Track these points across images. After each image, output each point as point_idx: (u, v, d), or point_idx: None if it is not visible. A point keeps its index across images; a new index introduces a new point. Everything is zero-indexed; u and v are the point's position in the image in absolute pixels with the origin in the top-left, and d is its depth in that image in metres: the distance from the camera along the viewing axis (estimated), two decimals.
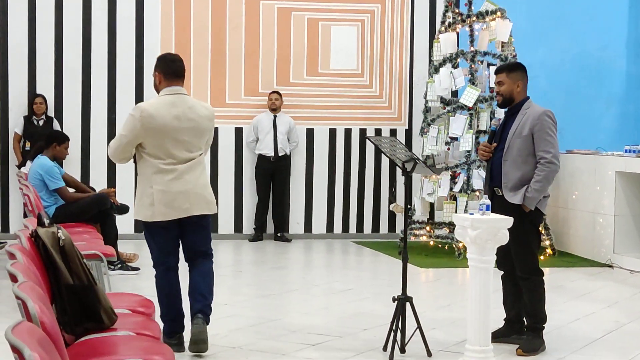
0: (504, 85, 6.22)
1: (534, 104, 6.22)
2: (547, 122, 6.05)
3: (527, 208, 6.04)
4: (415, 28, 12.20)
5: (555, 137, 6.08)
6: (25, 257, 3.81)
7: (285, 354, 5.97)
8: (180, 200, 5.85)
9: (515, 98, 6.22)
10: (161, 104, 5.91)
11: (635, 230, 10.11)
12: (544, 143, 6.03)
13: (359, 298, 8.09)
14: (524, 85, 6.24)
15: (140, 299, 5.06)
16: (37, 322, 2.88)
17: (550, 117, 6.10)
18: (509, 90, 6.21)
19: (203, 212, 5.93)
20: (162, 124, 5.82)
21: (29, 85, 11.34)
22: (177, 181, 5.85)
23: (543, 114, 6.08)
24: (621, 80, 12.80)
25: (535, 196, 6.01)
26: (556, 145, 6.08)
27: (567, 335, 6.69)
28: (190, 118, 5.91)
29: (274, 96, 11.65)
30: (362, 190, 12.18)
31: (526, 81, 6.29)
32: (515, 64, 6.50)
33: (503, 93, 6.24)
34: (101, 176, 11.43)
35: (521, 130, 6.09)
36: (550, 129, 6.06)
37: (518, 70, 6.29)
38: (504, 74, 6.23)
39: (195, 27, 11.71)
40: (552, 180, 6.10)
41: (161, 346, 4.09)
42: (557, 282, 9.14)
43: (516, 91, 6.21)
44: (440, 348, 6.14)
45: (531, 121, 6.07)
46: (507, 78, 6.21)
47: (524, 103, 6.21)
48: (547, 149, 6.02)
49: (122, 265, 8.96)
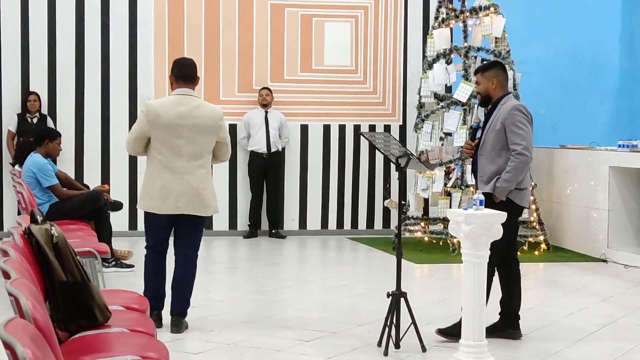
0: (480, 85, 6.43)
1: (510, 100, 6.34)
2: (517, 115, 6.19)
3: (497, 198, 6.15)
4: (408, 24, 12.20)
5: (526, 129, 6.20)
6: (18, 254, 3.80)
7: (280, 350, 5.97)
8: (175, 198, 6.28)
9: (492, 96, 6.38)
10: (168, 102, 6.37)
11: (629, 224, 10.13)
12: (514, 135, 6.17)
13: (354, 294, 8.09)
14: (499, 83, 6.37)
15: (134, 295, 5.05)
16: (29, 318, 2.88)
17: (521, 110, 6.24)
18: (485, 88, 6.39)
19: (196, 213, 6.33)
20: (167, 121, 6.23)
21: (22, 82, 11.32)
22: (177, 181, 6.28)
23: (514, 108, 6.22)
24: (615, 75, 12.81)
25: (504, 186, 6.11)
26: (527, 137, 6.19)
27: (562, 330, 6.70)
28: (194, 116, 6.27)
29: (265, 92, 11.64)
30: (356, 186, 12.18)
31: (502, 78, 6.40)
32: (489, 63, 6.69)
33: (480, 91, 6.46)
34: (95, 173, 11.41)
35: (495, 125, 6.24)
36: (521, 122, 6.19)
37: (492, 69, 6.45)
38: (479, 74, 6.44)
39: (189, 24, 11.70)
40: (523, 172, 6.19)
41: (156, 343, 4.08)
42: (552, 277, 9.17)
43: (491, 89, 6.36)
44: (435, 343, 6.15)
45: (503, 116, 6.22)
46: (482, 77, 6.40)
47: (502, 99, 6.34)
48: (517, 141, 6.15)
49: (116, 262, 8.95)
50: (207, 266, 9.68)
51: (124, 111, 11.55)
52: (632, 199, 10.13)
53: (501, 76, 6.40)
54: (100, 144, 11.52)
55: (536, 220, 10.69)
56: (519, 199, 6.24)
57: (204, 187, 6.32)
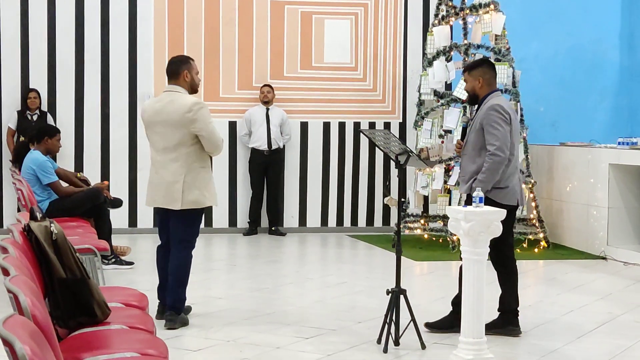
0: (467, 84, 6.47)
1: (493, 98, 6.30)
2: (492, 115, 6.16)
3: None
4: (408, 21, 12.20)
5: (501, 129, 6.14)
6: (17, 251, 3.80)
7: (279, 347, 5.97)
8: (154, 192, 6.56)
9: (478, 94, 6.38)
10: (152, 100, 6.73)
11: (628, 222, 10.13)
12: (489, 136, 6.16)
13: (353, 291, 8.10)
14: (485, 81, 6.35)
15: (134, 292, 5.05)
16: (28, 315, 2.88)
17: (498, 110, 6.18)
18: (471, 86, 6.40)
19: (167, 206, 6.46)
20: (146, 118, 6.58)
21: (22, 79, 11.31)
22: (155, 175, 6.54)
23: (490, 107, 6.20)
24: (614, 73, 12.81)
25: (479, 186, 6.06)
26: (502, 137, 6.14)
27: (561, 327, 6.71)
28: (166, 111, 6.41)
29: (266, 89, 11.64)
30: (356, 183, 12.18)
31: (489, 77, 6.37)
32: (477, 61, 6.68)
33: (467, 90, 6.51)
34: (95, 170, 11.41)
35: (475, 125, 6.27)
36: (496, 122, 6.15)
37: (478, 67, 6.43)
38: (466, 73, 6.47)
39: (189, 22, 11.70)
40: (497, 172, 6.15)
41: (155, 340, 4.08)
42: (551, 275, 9.17)
43: (478, 87, 6.36)
44: (434, 340, 6.15)
45: (481, 116, 6.23)
46: (468, 76, 6.42)
47: (487, 97, 6.33)
48: (492, 141, 6.14)
49: (116, 259, 8.95)
50: (207, 263, 9.69)
51: (124, 108, 11.55)
52: (632, 196, 10.14)
53: (488, 74, 6.39)
54: (100, 141, 11.52)
55: (536, 217, 10.69)
56: (500, 197, 6.20)
57: (175, 180, 6.37)
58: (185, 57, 6.73)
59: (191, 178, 6.39)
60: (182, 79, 6.50)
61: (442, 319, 6.50)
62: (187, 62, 6.56)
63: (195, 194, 6.40)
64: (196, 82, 6.59)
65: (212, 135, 6.39)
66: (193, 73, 6.55)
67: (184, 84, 6.50)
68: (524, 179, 10.68)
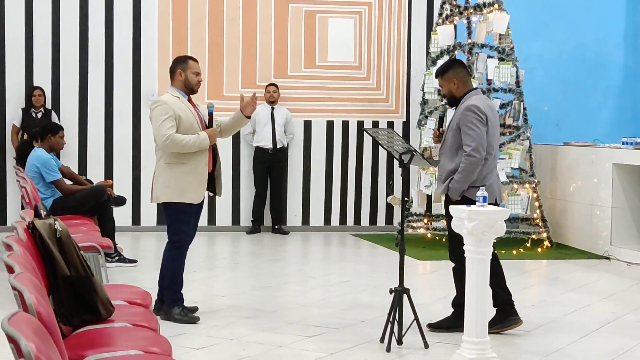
0: (443, 88, 6.50)
1: (469, 98, 6.31)
2: (468, 116, 6.18)
3: (453, 198, 6.20)
4: (412, 20, 12.19)
5: (477, 130, 6.16)
6: (22, 249, 3.81)
7: (282, 346, 5.98)
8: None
9: (455, 94, 6.41)
10: None
11: (632, 222, 10.12)
12: (465, 137, 6.19)
13: (357, 290, 8.10)
14: (460, 81, 6.38)
15: (137, 290, 5.05)
16: (33, 312, 2.88)
17: (474, 110, 6.19)
18: (448, 90, 6.44)
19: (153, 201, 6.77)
20: None
21: (26, 77, 11.33)
22: None
23: (466, 108, 6.22)
24: (618, 72, 12.80)
25: (456, 187, 6.16)
26: (478, 138, 6.15)
27: (564, 327, 6.70)
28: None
29: (272, 88, 11.64)
30: (359, 182, 12.18)
31: (462, 76, 6.40)
32: (446, 64, 6.65)
33: (445, 94, 6.54)
34: (98, 168, 11.43)
35: (452, 125, 6.30)
36: (472, 122, 6.17)
37: (449, 69, 6.46)
38: (440, 79, 6.50)
39: (193, 20, 11.70)
40: (473, 172, 6.17)
41: (158, 337, 4.09)
42: (554, 274, 9.16)
43: (454, 89, 6.39)
44: (437, 340, 6.16)
45: (457, 116, 6.26)
46: (442, 81, 6.46)
47: (464, 97, 6.35)
48: (468, 142, 6.17)
49: (119, 257, 8.96)
50: (210, 262, 9.70)
51: (128, 106, 11.56)
52: (636, 196, 10.13)
53: (461, 73, 6.41)
54: (104, 138, 11.53)
55: (539, 217, 10.68)
56: (473, 195, 6.16)
57: (156, 177, 6.61)
58: (184, 56, 6.79)
59: (157, 174, 6.60)
60: (176, 79, 6.62)
61: (444, 319, 6.51)
62: (183, 62, 6.63)
63: (158, 191, 6.58)
64: (191, 82, 6.58)
65: (156, 132, 6.48)
66: (189, 72, 6.57)
67: (177, 83, 6.60)
68: (528, 178, 10.69)
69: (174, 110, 6.41)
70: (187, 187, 6.48)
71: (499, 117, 10.91)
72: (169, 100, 6.48)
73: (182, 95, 6.59)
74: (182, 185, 6.47)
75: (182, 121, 6.44)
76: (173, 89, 6.61)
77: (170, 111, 6.39)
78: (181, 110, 6.48)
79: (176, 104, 6.49)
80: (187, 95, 6.62)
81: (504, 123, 10.90)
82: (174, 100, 6.51)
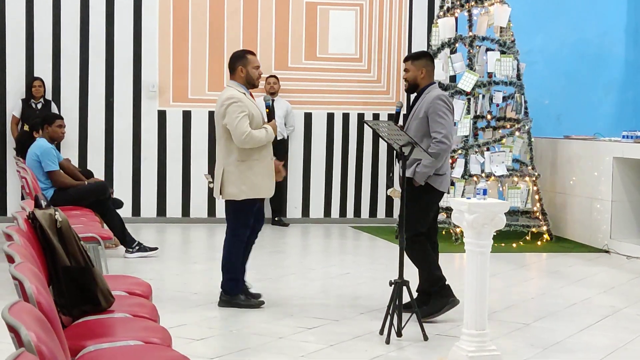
0: (409, 72, 6.63)
1: (435, 89, 6.55)
2: (439, 105, 6.38)
3: (417, 182, 6.33)
4: (413, 13, 12.18)
5: (447, 118, 6.39)
6: (22, 239, 3.81)
7: (282, 337, 5.98)
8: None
9: (419, 84, 6.59)
10: None
11: (632, 216, 10.12)
12: (435, 124, 6.37)
13: (356, 282, 8.10)
14: (427, 72, 6.58)
15: (138, 281, 5.06)
16: (34, 302, 2.89)
17: (443, 100, 6.43)
18: (414, 76, 6.60)
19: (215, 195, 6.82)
20: None
21: (27, 68, 11.32)
22: None
23: (436, 97, 6.42)
24: (620, 66, 12.78)
25: (423, 171, 6.32)
26: (447, 125, 6.38)
27: (564, 320, 6.71)
28: (216, 105, 6.79)
29: (272, 80, 11.63)
30: (359, 174, 12.18)
31: (430, 69, 6.60)
32: (420, 52, 6.96)
33: (408, 79, 6.66)
34: (99, 159, 11.43)
35: (418, 113, 6.46)
36: (442, 111, 6.38)
37: (422, 58, 6.66)
38: (410, 62, 6.64)
39: (193, 12, 11.68)
40: (442, 159, 6.37)
41: (158, 328, 4.09)
42: (554, 268, 9.17)
43: (420, 77, 6.58)
44: (437, 332, 6.16)
45: (426, 105, 6.42)
46: (412, 66, 6.60)
47: (427, 88, 6.54)
48: (438, 129, 6.35)
49: (140, 247, 8.93)
50: (210, 253, 9.70)
51: (128, 98, 11.55)
52: (636, 190, 10.13)
53: (430, 66, 6.62)
54: (104, 130, 11.52)
55: (539, 210, 10.69)
56: (437, 183, 6.44)
57: (226, 174, 6.67)
58: (242, 52, 6.89)
59: (229, 171, 6.65)
60: (238, 75, 6.73)
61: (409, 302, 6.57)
62: (242, 57, 6.76)
63: (231, 188, 6.64)
64: (253, 76, 6.75)
65: (235, 130, 6.54)
66: (249, 67, 6.74)
67: (239, 79, 6.74)
68: (528, 171, 10.69)
69: (247, 107, 6.58)
70: (260, 183, 6.70)
71: (501, 110, 10.97)
72: (241, 97, 6.62)
73: (246, 91, 6.75)
74: (255, 181, 6.67)
75: (254, 118, 6.62)
76: (236, 84, 6.75)
77: (245, 108, 6.56)
78: (251, 107, 6.66)
79: (245, 101, 6.66)
80: (249, 90, 6.79)
81: (504, 116, 10.91)
82: (243, 97, 6.66)
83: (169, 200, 11.69)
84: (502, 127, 10.88)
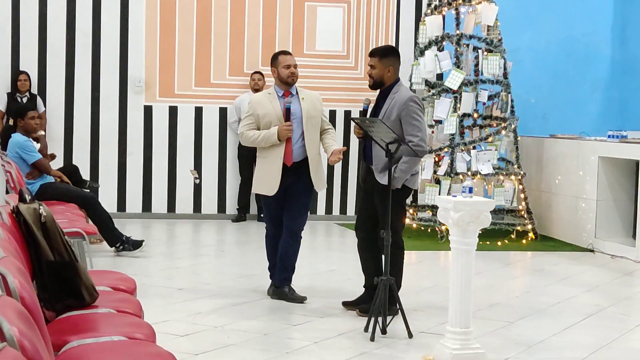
0: (375, 69, 6.53)
1: (402, 88, 6.47)
2: (413, 107, 6.32)
3: (394, 186, 6.23)
4: (401, 10, 12.17)
5: (421, 120, 6.34)
6: (6, 233, 3.79)
7: (267, 334, 5.97)
8: None
9: (385, 81, 6.52)
10: None
11: (617, 215, 10.15)
12: (410, 127, 6.29)
13: (342, 279, 8.10)
14: (394, 70, 6.51)
15: (122, 276, 5.04)
16: (17, 297, 2.87)
17: (416, 102, 6.37)
18: (380, 74, 6.52)
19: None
20: None
21: (12, 61, 11.26)
22: None
23: (409, 99, 6.34)
24: (606, 65, 12.82)
25: (401, 176, 6.27)
26: (423, 128, 6.33)
27: (548, 318, 6.73)
28: None
29: (257, 76, 11.58)
30: (345, 172, 12.17)
31: (397, 66, 6.54)
32: (388, 49, 6.75)
33: (374, 76, 6.57)
34: (84, 153, 11.38)
35: (389, 115, 6.36)
36: (417, 114, 6.32)
37: (390, 55, 6.56)
38: (377, 59, 6.52)
39: (181, 6, 11.64)
40: (418, 162, 6.40)
41: (142, 324, 4.08)
42: (539, 266, 9.19)
43: (387, 75, 6.51)
44: (422, 329, 6.16)
45: (398, 106, 6.33)
46: (379, 62, 6.50)
47: (394, 86, 6.47)
48: (413, 132, 6.28)
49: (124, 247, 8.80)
50: (195, 249, 9.68)
51: (115, 92, 11.50)
52: (621, 189, 10.16)
53: (397, 64, 6.55)
54: (90, 124, 11.48)
55: (524, 209, 10.71)
56: (411, 183, 6.46)
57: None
58: (276, 53, 7.19)
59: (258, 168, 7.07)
60: (274, 76, 7.06)
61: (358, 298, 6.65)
62: (274, 59, 7.07)
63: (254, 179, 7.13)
64: (283, 76, 6.98)
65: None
66: (279, 68, 6.98)
67: (275, 80, 7.06)
68: (513, 170, 10.71)
69: (254, 108, 6.95)
70: (262, 179, 6.98)
71: (487, 108, 10.98)
72: (254, 99, 7.08)
73: (276, 92, 7.01)
74: (260, 176, 7.02)
75: (261, 118, 6.91)
76: (274, 85, 7.08)
77: (251, 109, 6.98)
78: (262, 109, 6.93)
79: (260, 103, 6.99)
80: (283, 90, 7.01)
81: (490, 115, 10.92)
82: (260, 99, 7.04)
83: (154, 195, 11.66)
84: (489, 125, 10.89)
